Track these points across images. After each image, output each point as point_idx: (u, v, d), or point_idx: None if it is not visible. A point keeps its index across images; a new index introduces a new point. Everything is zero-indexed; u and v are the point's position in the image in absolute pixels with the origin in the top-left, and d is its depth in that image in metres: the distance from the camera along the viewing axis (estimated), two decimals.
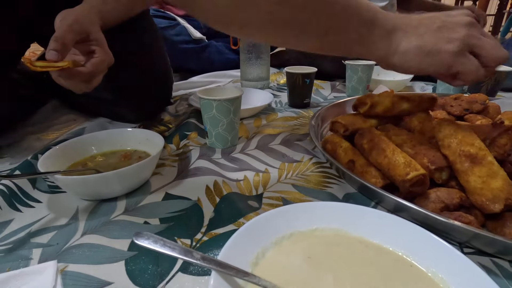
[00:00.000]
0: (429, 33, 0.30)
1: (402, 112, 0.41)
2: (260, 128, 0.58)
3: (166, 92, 0.68)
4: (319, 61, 0.97)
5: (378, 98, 0.39)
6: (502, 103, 0.61)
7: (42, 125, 0.61)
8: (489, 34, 0.31)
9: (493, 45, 0.30)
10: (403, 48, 0.31)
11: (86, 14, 0.45)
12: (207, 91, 0.51)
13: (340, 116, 0.44)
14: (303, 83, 0.69)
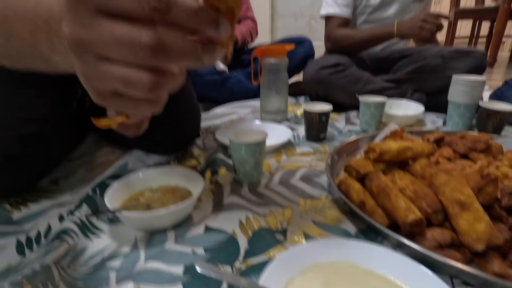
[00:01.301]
0: None
1: (407, 158, 0.49)
2: (281, 164, 0.67)
3: (195, 126, 0.77)
4: (333, 92, 1.07)
5: (386, 147, 0.48)
6: (505, 143, 0.68)
7: (87, 158, 0.72)
8: None
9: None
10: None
11: None
12: (236, 134, 0.60)
13: (353, 159, 0.52)
14: (320, 120, 0.78)
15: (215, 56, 0.22)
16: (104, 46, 0.19)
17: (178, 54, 0.20)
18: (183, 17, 0.19)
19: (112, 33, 0.19)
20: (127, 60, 0.20)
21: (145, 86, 0.20)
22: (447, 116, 0.89)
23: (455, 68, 1.01)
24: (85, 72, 0.21)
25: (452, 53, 1.03)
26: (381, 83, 1.06)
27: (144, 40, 0.19)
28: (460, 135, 0.71)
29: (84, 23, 0.19)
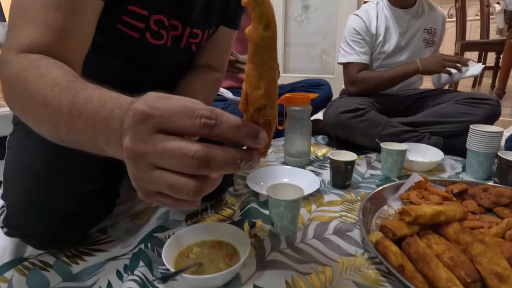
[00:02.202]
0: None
1: (440, 222, 0.53)
2: (312, 214, 0.71)
3: (230, 175, 0.82)
4: (353, 134, 1.12)
5: (421, 212, 0.51)
6: None
7: (126, 205, 0.76)
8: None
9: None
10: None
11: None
12: (273, 188, 0.64)
13: (389, 221, 0.56)
14: (346, 169, 0.83)
15: (252, 164, 0.25)
16: (158, 157, 0.22)
17: (220, 165, 0.23)
18: (228, 131, 0.23)
19: (165, 147, 0.22)
20: (176, 170, 0.23)
21: (189, 192, 0.23)
22: (466, 163, 0.93)
23: (470, 114, 1.06)
24: (136, 176, 0.24)
25: (467, 100, 1.08)
26: (399, 126, 1.11)
27: (191, 154, 0.22)
28: (482, 187, 0.74)
29: (143, 138, 0.23)
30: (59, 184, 0.54)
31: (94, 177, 0.58)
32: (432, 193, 0.71)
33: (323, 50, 2.45)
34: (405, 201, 0.73)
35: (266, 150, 0.27)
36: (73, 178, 0.55)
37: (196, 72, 0.74)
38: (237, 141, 0.24)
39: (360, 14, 1.24)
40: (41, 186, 0.53)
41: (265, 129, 0.25)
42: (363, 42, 1.23)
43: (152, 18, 0.57)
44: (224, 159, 0.23)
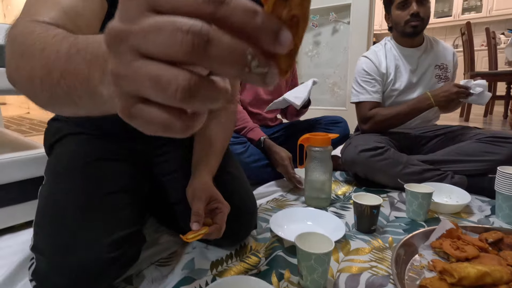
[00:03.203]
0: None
1: (486, 284, 0.49)
2: (341, 265, 0.68)
3: (252, 218, 0.78)
4: (373, 173, 1.10)
5: (464, 274, 0.49)
6: None
7: (150, 250, 0.74)
8: None
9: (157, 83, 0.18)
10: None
11: (207, 182, 0.63)
12: (302, 239, 0.62)
13: (429, 280, 0.53)
14: (371, 213, 0.80)
15: (267, 77, 0.17)
16: (143, 36, 0.16)
17: (224, 53, 0.16)
18: (240, 14, 0.16)
19: (154, 22, 0.16)
20: (164, 53, 0.16)
21: (178, 88, 0.16)
22: (496, 206, 0.89)
23: (494, 153, 1.04)
24: (116, 72, 0.18)
25: (490, 138, 1.06)
26: (420, 164, 1.09)
27: (187, 28, 0.15)
28: None
29: (130, 17, 0.17)
30: (89, 232, 0.54)
31: (122, 223, 0.58)
32: (467, 243, 0.67)
33: (334, 83, 2.48)
34: (437, 250, 0.69)
35: (288, 69, 0.19)
36: (102, 226, 0.56)
37: (211, 112, 0.76)
38: (251, 32, 0.16)
39: (369, 56, 1.27)
40: (71, 235, 0.53)
41: (290, 29, 0.17)
42: (373, 81, 1.24)
43: None
44: (230, 46, 0.16)
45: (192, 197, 0.60)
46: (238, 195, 0.74)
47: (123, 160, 0.70)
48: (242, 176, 0.81)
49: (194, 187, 0.62)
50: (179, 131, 0.18)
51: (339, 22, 2.30)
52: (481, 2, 4.33)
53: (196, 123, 0.19)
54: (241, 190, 0.76)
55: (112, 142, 0.72)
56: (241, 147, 1.11)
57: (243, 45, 0.16)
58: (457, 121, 2.94)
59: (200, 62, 0.16)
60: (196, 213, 0.56)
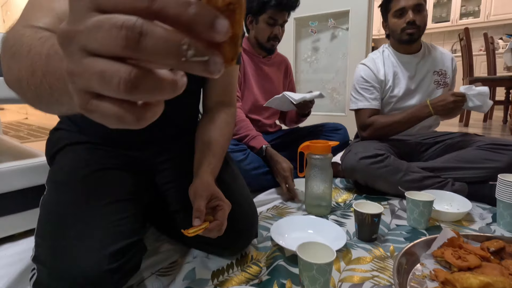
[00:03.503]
0: None
1: None
2: (342, 274, 0.68)
3: (253, 226, 0.78)
4: (373, 180, 1.11)
5: (466, 284, 0.49)
6: None
7: (150, 260, 0.74)
8: None
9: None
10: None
11: (208, 181, 0.64)
12: (303, 249, 0.63)
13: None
14: (372, 221, 0.80)
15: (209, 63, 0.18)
16: (87, 34, 0.18)
17: (156, 43, 0.17)
18: (172, 4, 0.17)
19: (96, 20, 0.17)
20: (104, 48, 0.17)
21: (120, 81, 0.17)
22: (497, 213, 0.90)
23: (494, 161, 1.04)
24: (70, 70, 0.19)
25: (490, 146, 1.07)
26: (420, 172, 1.09)
27: (120, 23, 0.16)
28: None
29: (77, 17, 0.18)
30: (90, 243, 0.54)
31: (123, 233, 0.58)
32: (468, 252, 0.68)
33: (334, 89, 2.50)
34: (439, 260, 0.69)
35: (234, 56, 0.19)
36: (103, 236, 0.56)
37: (210, 116, 0.78)
38: (186, 23, 0.17)
39: (367, 63, 1.28)
40: (72, 246, 0.53)
41: (228, 17, 0.18)
42: (372, 89, 1.25)
43: None
44: (163, 37, 0.17)
45: (193, 196, 0.61)
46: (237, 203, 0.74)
47: (124, 169, 0.71)
48: (240, 183, 0.81)
49: (196, 186, 0.63)
50: (132, 122, 0.19)
51: (338, 28, 2.32)
52: (479, 8, 4.38)
53: (149, 114, 0.20)
54: (240, 198, 0.76)
55: (113, 151, 0.72)
56: (241, 155, 1.12)
57: (177, 36, 0.17)
58: (456, 126, 2.95)
59: (137, 55, 0.17)
60: (197, 209, 0.57)
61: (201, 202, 0.58)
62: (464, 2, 4.47)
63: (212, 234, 0.60)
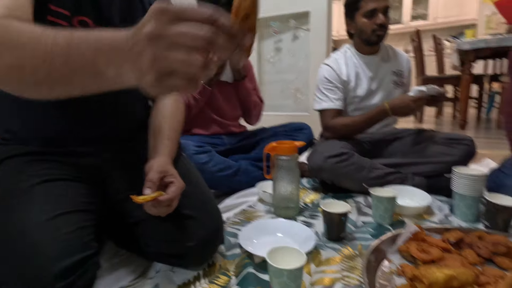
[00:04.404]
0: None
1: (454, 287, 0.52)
2: (313, 277, 0.68)
3: (219, 231, 0.74)
4: (339, 179, 1.13)
5: (433, 279, 0.50)
6: None
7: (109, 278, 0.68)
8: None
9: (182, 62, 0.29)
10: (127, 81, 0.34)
11: (164, 160, 0.65)
12: (273, 254, 0.61)
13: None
14: (340, 221, 0.81)
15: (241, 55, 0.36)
16: (175, 36, 0.29)
17: (221, 47, 0.30)
18: (225, 25, 0.30)
19: (181, 29, 0.29)
20: (189, 47, 0.29)
21: (198, 64, 0.29)
22: (453, 205, 0.96)
23: (449, 155, 1.12)
24: (156, 56, 0.29)
25: (445, 140, 1.15)
26: (383, 168, 1.14)
27: (201, 34, 0.29)
28: (478, 234, 0.75)
29: (163, 24, 0.29)
30: (35, 261, 0.50)
31: (71, 248, 0.53)
32: (431, 245, 0.71)
33: (297, 89, 2.54)
34: (405, 254, 0.72)
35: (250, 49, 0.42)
36: (49, 253, 0.51)
37: (158, 103, 0.79)
38: (233, 33, 0.30)
39: (330, 64, 1.32)
40: (18, 265, 0.50)
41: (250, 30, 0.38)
42: (335, 89, 1.28)
43: (75, 18, 0.61)
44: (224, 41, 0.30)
45: (147, 171, 0.62)
46: (200, 209, 0.70)
47: (74, 179, 0.65)
48: (202, 189, 0.77)
49: (151, 163, 0.64)
50: (193, 90, 0.31)
51: (299, 29, 2.37)
52: (427, 11, 4.76)
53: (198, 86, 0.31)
54: (202, 204, 0.72)
55: (59, 160, 0.66)
56: (206, 157, 1.08)
57: (230, 41, 0.30)
58: (412, 122, 3.16)
59: (210, 49, 0.30)
60: (149, 179, 0.59)
61: (154, 174, 0.60)
62: (415, 6, 4.83)
63: (161, 210, 0.60)
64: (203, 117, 1.28)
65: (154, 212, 0.60)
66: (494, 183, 1.00)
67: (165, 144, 0.70)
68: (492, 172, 1.05)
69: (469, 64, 2.52)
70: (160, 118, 0.75)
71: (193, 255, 0.67)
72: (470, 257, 0.68)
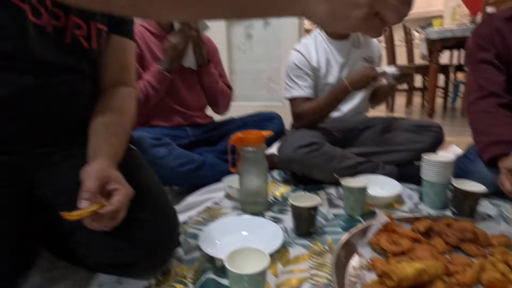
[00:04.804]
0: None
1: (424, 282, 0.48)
2: (280, 278, 0.63)
3: (173, 233, 0.66)
4: (310, 170, 1.09)
5: (402, 275, 0.47)
6: (487, 227, 0.73)
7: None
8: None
9: (395, 7, 0.31)
10: (313, 12, 0.31)
11: (106, 162, 0.55)
12: (232, 258, 0.55)
13: (369, 285, 0.50)
14: (309, 215, 0.77)
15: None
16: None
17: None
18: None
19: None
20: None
21: (405, 12, 0.32)
22: (422, 193, 0.95)
23: (418, 142, 1.11)
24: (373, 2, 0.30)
25: (414, 127, 1.14)
26: (354, 158, 1.11)
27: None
28: (446, 222, 0.74)
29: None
30: None
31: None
32: (401, 236, 0.68)
33: (270, 78, 2.49)
34: (375, 247, 0.69)
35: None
36: None
37: (104, 95, 0.69)
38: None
39: (300, 49, 1.26)
40: None
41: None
42: (305, 76, 1.24)
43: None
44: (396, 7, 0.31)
45: (83, 178, 0.52)
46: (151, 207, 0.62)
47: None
48: (155, 184, 0.69)
49: (87, 169, 0.54)
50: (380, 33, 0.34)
51: None
52: None
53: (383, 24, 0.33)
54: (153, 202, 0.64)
55: None
56: (164, 150, 0.99)
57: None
58: (384, 112, 3.22)
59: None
60: (86, 189, 0.50)
61: (90, 183, 0.50)
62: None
63: (104, 224, 0.51)
64: (164, 108, 1.18)
65: (96, 227, 0.51)
66: (460, 169, 1.01)
67: (109, 143, 0.60)
68: (458, 158, 1.05)
69: (437, 53, 2.58)
70: (108, 112, 0.65)
71: (142, 263, 0.59)
72: (439, 246, 0.67)
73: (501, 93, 0.98)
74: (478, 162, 0.96)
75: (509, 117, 0.97)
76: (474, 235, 0.69)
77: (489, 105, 0.99)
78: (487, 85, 0.99)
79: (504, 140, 0.89)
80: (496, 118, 0.96)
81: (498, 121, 0.95)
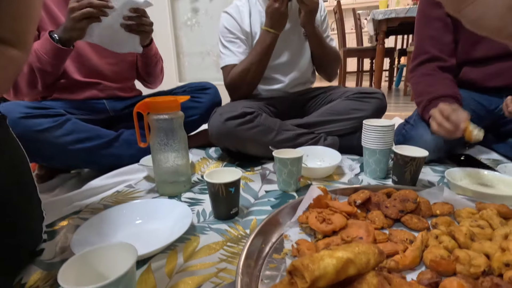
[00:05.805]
0: None
1: (350, 276, 0.32)
2: (172, 280, 0.44)
3: (27, 229, 0.46)
4: (243, 145, 0.91)
5: (319, 271, 0.30)
6: (430, 194, 0.60)
7: None
8: None
9: None
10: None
11: None
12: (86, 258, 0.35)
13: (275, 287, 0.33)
14: (228, 193, 0.59)
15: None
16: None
17: None
18: None
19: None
20: None
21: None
22: (363, 162, 0.81)
23: (361, 110, 0.97)
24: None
25: (356, 95, 1.00)
26: (294, 129, 0.95)
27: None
28: (385, 191, 0.61)
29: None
30: None
31: None
32: (334, 211, 0.52)
33: (219, 56, 2.25)
34: (303, 227, 0.53)
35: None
36: None
37: None
38: None
39: (230, 11, 1.06)
40: None
41: None
42: (238, 41, 1.04)
43: None
44: None
45: None
46: None
47: None
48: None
49: None
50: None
51: None
52: None
53: None
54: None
55: None
56: (50, 121, 0.73)
57: None
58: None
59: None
60: None
61: None
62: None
63: None
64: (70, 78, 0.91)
65: None
66: (401, 136, 0.90)
67: None
68: (400, 125, 0.94)
69: (383, 34, 2.52)
70: None
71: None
72: (378, 221, 0.53)
73: (444, 56, 0.89)
74: (420, 127, 0.84)
75: (449, 79, 0.87)
76: (416, 204, 0.55)
77: (429, 68, 0.90)
78: (431, 47, 0.89)
79: (442, 94, 0.79)
80: (436, 79, 0.87)
81: (437, 81, 0.86)
